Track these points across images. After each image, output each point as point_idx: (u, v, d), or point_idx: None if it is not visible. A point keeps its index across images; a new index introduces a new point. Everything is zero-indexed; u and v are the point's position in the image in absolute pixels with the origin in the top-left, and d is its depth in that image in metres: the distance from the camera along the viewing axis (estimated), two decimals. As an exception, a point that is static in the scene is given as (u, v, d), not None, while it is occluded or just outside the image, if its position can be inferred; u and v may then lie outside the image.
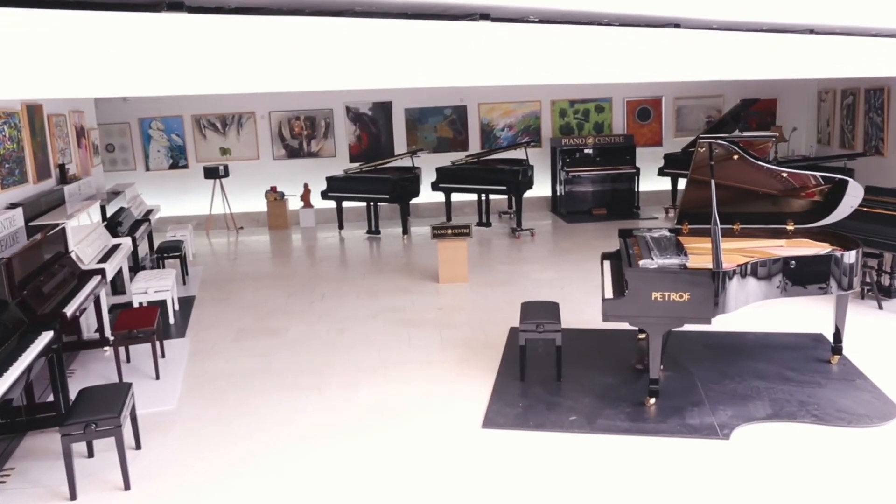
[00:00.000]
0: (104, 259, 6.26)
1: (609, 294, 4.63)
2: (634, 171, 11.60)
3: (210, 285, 8.11)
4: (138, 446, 4.22)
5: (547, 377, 5.05)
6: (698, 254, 4.81)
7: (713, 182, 4.51)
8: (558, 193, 11.96)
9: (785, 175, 4.79)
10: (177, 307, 7.09)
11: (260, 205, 11.97)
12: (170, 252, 8.09)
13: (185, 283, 8.11)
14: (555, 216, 11.81)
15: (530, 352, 5.24)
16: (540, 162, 11.98)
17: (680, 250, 4.68)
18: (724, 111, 12.15)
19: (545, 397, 4.74)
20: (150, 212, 9.16)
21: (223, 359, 5.71)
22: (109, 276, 5.96)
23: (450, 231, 7.62)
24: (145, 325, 5.19)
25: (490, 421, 4.46)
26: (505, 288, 7.43)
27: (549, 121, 12.37)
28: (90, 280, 5.56)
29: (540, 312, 5.04)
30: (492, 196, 11.29)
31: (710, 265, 4.35)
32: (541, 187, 12.11)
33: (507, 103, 12.22)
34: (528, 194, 11.11)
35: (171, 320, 6.68)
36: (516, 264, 8.55)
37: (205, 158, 11.91)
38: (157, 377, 5.29)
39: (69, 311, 4.79)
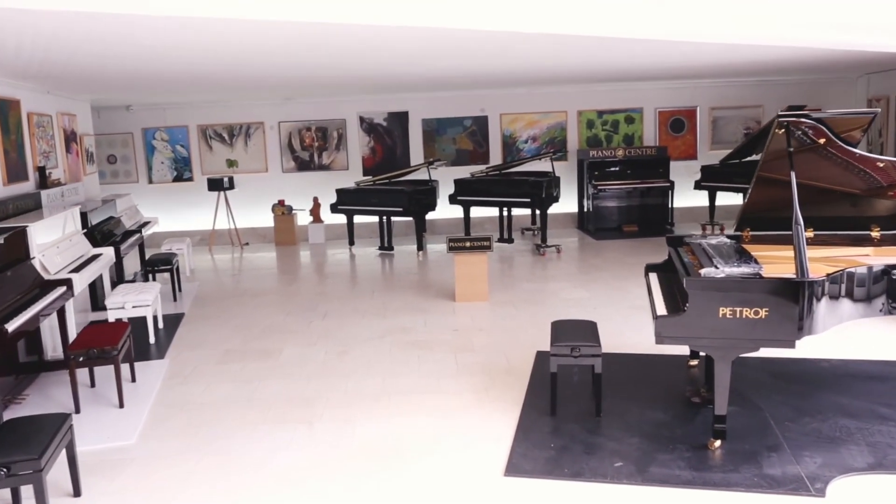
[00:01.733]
0: (78, 270, 5.53)
1: (661, 310, 3.76)
2: (668, 184, 10.72)
3: (203, 302, 7.35)
4: (77, 493, 3.40)
5: (583, 411, 4.17)
6: (769, 263, 3.94)
7: (793, 173, 3.64)
8: (585, 209, 11.11)
9: (881, 165, 3.92)
10: (161, 325, 6.32)
11: (267, 220, 11.27)
12: (160, 265, 7.36)
13: (175, 300, 7.36)
14: (582, 233, 10.94)
15: (562, 381, 4.37)
16: (566, 176, 11.16)
17: (749, 258, 3.82)
18: (764, 122, 11.27)
19: (582, 437, 3.87)
20: (145, 224, 8.47)
21: (202, 384, 4.91)
22: (78, 288, 5.21)
23: (468, 243, 6.80)
24: (107, 344, 4.40)
25: (514, 467, 3.59)
26: (530, 307, 6.58)
27: (575, 132, 11.57)
28: (52, 291, 4.81)
29: (575, 333, 4.18)
30: (514, 211, 10.48)
31: (788, 275, 3.48)
32: (566, 202, 11.28)
33: (530, 114, 11.46)
34: (553, 210, 10.30)
35: (152, 339, 5.90)
36: (542, 282, 7.69)
37: (210, 171, 11.26)
38: (122, 405, 4.50)
39: (13, 326, 4.03)
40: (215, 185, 10.52)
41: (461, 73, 7.66)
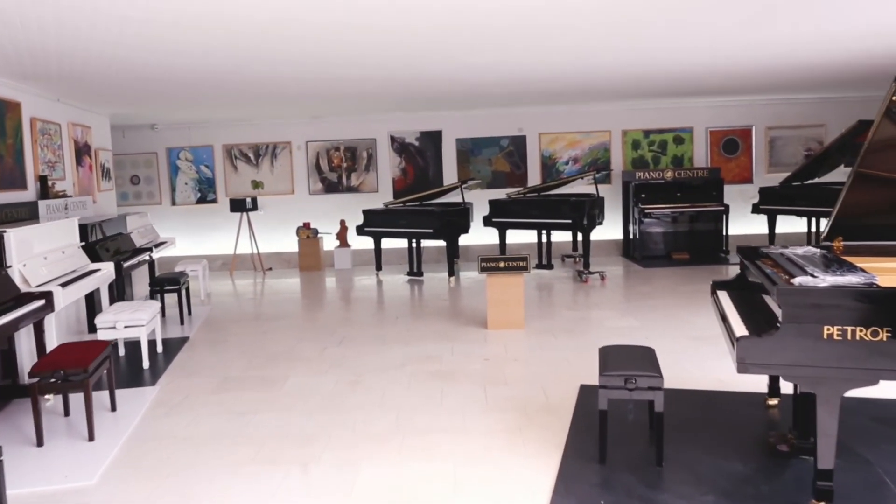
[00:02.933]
0: (67, 284, 4.97)
1: (741, 331, 2.96)
2: (722, 208, 9.85)
3: (213, 326, 6.74)
4: (1, 548, 2.74)
5: (640, 459, 3.37)
6: (878, 274, 3.12)
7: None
8: (631, 235, 10.29)
9: None
10: (160, 349, 5.72)
11: (292, 244, 10.72)
12: (167, 285, 6.79)
13: (183, 323, 6.77)
14: (627, 261, 10.11)
15: (614, 420, 3.58)
16: (610, 199, 10.39)
17: (851, 267, 3.01)
18: (827, 141, 10.37)
19: (640, 491, 3.06)
20: (160, 244, 7.96)
21: (189, 416, 4.24)
22: (61, 303, 4.64)
23: (502, 263, 6.08)
24: (75, 366, 3.78)
25: (555, 529, 2.80)
26: (571, 336, 5.80)
27: (620, 153, 10.82)
28: (26, 305, 4.24)
29: (629, 360, 3.40)
30: (554, 235, 9.73)
31: (912, 287, 2.67)
32: (610, 228, 10.48)
33: (572, 133, 10.76)
34: (595, 235, 9.52)
35: (146, 363, 5.28)
36: (584, 310, 6.89)
37: (235, 192, 10.81)
38: (91, 438, 3.85)
39: (-38, 339, 3.44)
40: (238, 205, 10.04)
41: (497, 78, 7.02)
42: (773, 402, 3.93)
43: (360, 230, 9.31)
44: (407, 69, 6.15)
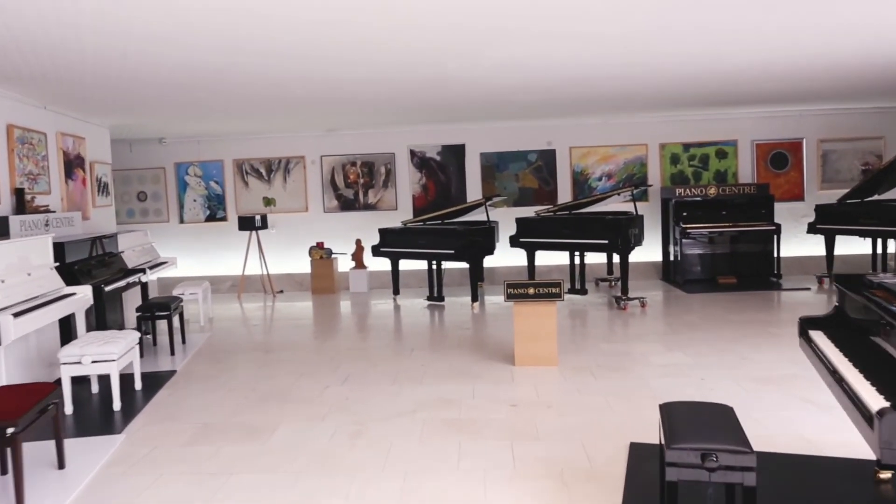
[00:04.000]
0: (24, 312, 4.28)
1: (878, 400, 2.12)
2: (773, 228, 8.94)
3: (206, 358, 6.02)
4: None
5: (720, 558, 2.53)
6: None
7: None
8: (672, 256, 9.42)
9: None
10: (138, 385, 5.00)
11: (305, 265, 10.03)
12: (157, 311, 6.10)
13: (173, 353, 6.06)
14: (667, 285, 9.23)
15: (685, 495, 2.75)
16: (647, 218, 9.55)
17: None
18: (887, 156, 9.44)
19: None
20: (159, 265, 7.31)
21: (151, 475, 3.49)
22: (11, 336, 3.95)
23: (532, 290, 5.28)
24: (5, 416, 3.05)
25: None
26: (613, 376, 4.96)
27: (657, 168, 9.98)
28: (-36, 339, 3.55)
29: (703, 427, 2.58)
30: (588, 256, 8.91)
31: None
32: (648, 249, 9.62)
33: (605, 147, 9.96)
34: (632, 257, 8.67)
35: (117, 405, 4.56)
36: (625, 342, 6.05)
37: (246, 210, 10.17)
38: (22, 506, 3.11)
39: None
40: (247, 224, 9.39)
41: (523, 81, 6.29)
42: (886, 475, 3.06)
43: (376, 251, 8.58)
44: (424, 68, 5.44)
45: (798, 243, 9.69)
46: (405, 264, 9.06)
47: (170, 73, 5.18)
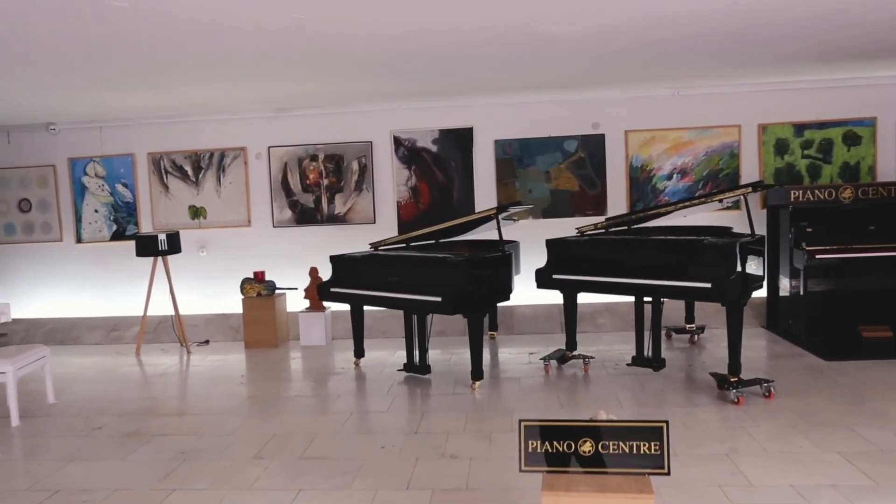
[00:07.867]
0: None
1: None
2: (952, 252, 5.67)
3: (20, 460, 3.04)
4: None
5: None
6: None
7: None
8: (783, 291, 6.23)
9: None
10: None
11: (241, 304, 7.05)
12: None
13: None
14: (776, 337, 6.04)
15: None
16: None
17: None
18: None
19: None
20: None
21: None
22: None
23: (587, 446, 2.15)
24: None
25: None
26: None
27: (755, 160, 6.78)
28: None
29: None
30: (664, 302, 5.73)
31: None
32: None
33: (677, 129, 6.80)
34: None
35: None
36: (786, 493, 2.89)
37: (166, 224, 7.23)
38: None
39: None
40: (146, 246, 6.39)
41: (553, 30, 3.20)
42: None
43: (324, 291, 5.52)
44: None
45: (977, 272, 6.40)
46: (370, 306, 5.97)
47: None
